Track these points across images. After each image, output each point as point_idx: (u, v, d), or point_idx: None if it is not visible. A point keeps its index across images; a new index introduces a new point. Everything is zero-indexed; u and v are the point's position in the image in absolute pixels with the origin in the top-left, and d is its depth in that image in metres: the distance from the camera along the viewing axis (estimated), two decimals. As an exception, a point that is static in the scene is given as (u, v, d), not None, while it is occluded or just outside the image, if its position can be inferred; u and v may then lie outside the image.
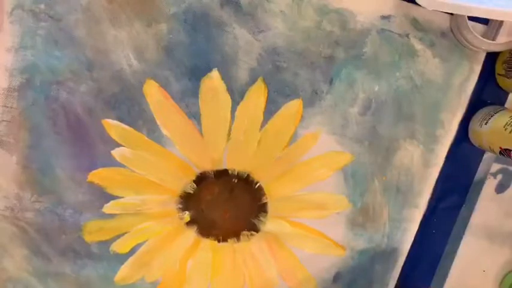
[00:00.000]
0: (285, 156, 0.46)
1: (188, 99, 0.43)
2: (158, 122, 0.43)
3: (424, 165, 0.48)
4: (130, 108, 0.43)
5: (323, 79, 0.45)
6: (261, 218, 0.47)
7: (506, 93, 0.48)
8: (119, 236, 0.45)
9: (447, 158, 0.48)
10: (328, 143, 0.46)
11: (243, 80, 0.44)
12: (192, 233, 0.46)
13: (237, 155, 0.45)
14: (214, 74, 0.43)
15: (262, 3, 0.43)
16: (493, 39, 0.44)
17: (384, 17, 0.45)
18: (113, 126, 0.43)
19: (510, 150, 0.41)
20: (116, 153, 0.43)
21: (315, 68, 0.45)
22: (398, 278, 0.50)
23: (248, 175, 0.46)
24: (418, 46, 0.45)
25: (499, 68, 0.46)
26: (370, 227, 0.48)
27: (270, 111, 0.45)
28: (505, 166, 0.49)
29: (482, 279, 0.52)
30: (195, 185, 0.45)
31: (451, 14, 0.45)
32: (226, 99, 0.44)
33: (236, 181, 0.46)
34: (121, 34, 0.41)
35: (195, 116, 0.44)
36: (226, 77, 0.43)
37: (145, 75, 0.42)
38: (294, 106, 0.45)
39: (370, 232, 0.48)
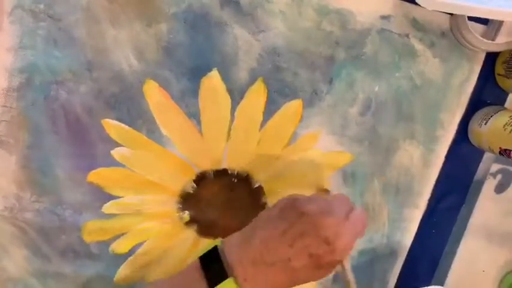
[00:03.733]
0: (284, 156, 0.46)
1: (188, 99, 0.43)
2: (158, 122, 0.43)
3: (424, 165, 0.48)
4: (130, 108, 0.43)
5: (323, 79, 0.45)
6: (261, 218, 0.47)
7: (506, 93, 0.48)
8: (118, 236, 0.45)
9: (447, 158, 0.48)
10: (328, 143, 0.46)
11: (243, 80, 0.44)
12: (191, 233, 0.46)
13: (237, 155, 0.45)
14: (214, 74, 0.43)
15: (262, 3, 0.43)
16: (493, 39, 0.44)
17: (383, 17, 0.45)
18: (112, 126, 0.43)
19: (510, 151, 0.41)
20: (115, 153, 0.43)
21: (315, 68, 0.44)
22: (398, 278, 0.50)
23: (248, 175, 0.46)
24: (418, 46, 0.45)
25: (499, 68, 0.46)
26: (370, 227, 0.48)
27: (269, 111, 0.45)
28: (504, 166, 0.49)
29: (482, 279, 0.52)
30: (194, 184, 0.45)
31: (451, 14, 0.45)
32: (226, 99, 0.44)
33: (236, 181, 0.46)
34: (121, 34, 0.41)
35: (194, 116, 0.44)
36: (226, 77, 0.43)
37: (145, 75, 0.42)
38: (293, 106, 0.45)
39: (370, 232, 0.48)
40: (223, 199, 0.46)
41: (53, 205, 0.43)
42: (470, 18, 0.43)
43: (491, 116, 0.44)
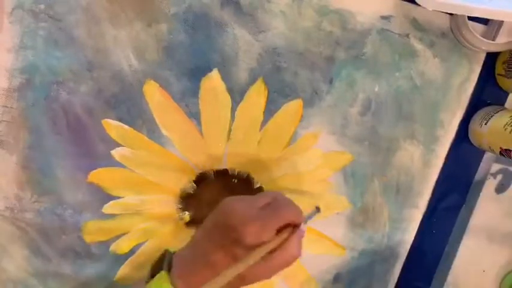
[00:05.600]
0: (285, 156, 0.46)
1: (188, 99, 0.43)
2: (158, 122, 0.43)
3: (424, 165, 0.48)
4: (130, 108, 0.43)
5: (323, 79, 0.45)
6: (261, 218, 0.47)
7: (506, 93, 0.48)
8: (118, 236, 0.45)
9: (447, 158, 0.48)
10: (328, 143, 0.46)
11: (243, 80, 0.44)
12: (192, 233, 0.46)
13: (237, 155, 0.45)
14: (215, 74, 0.43)
15: (263, 3, 0.43)
16: (493, 39, 0.44)
17: (383, 17, 0.45)
18: (113, 126, 0.43)
19: (510, 151, 0.41)
20: (115, 153, 0.43)
21: (315, 68, 0.45)
22: (399, 278, 0.50)
23: (248, 175, 0.46)
24: (418, 46, 0.45)
25: (499, 68, 0.46)
26: (370, 227, 0.48)
27: (270, 111, 0.45)
28: (505, 166, 0.49)
29: (482, 279, 0.52)
30: (195, 185, 0.45)
31: (451, 14, 0.45)
32: (226, 99, 0.44)
33: (236, 181, 0.46)
34: (121, 34, 0.41)
35: (195, 116, 0.44)
36: (226, 77, 0.43)
37: (145, 75, 0.42)
38: (294, 106, 0.45)
39: (370, 232, 0.48)
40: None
41: (54, 205, 0.43)
42: (470, 18, 0.43)
43: (492, 116, 0.44)
